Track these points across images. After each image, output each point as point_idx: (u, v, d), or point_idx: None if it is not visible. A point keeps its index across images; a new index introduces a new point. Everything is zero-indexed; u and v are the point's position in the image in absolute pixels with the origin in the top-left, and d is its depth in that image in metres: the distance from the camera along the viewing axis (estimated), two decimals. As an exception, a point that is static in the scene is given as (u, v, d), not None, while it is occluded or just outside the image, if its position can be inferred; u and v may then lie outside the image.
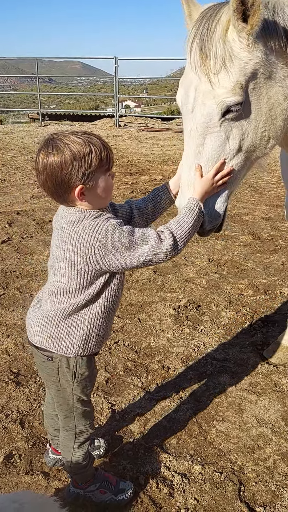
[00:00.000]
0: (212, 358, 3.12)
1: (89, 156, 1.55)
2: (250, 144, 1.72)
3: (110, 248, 1.56)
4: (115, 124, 13.36)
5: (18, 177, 7.84)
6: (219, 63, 1.58)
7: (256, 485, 2.20)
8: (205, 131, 1.68)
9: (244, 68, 1.59)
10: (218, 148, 1.70)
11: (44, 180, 1.59)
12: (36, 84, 14.60)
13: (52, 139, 1.57)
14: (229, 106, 1.62)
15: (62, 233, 1.64)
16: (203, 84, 1.63)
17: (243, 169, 1.81)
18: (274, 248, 4.96)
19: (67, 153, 1.53)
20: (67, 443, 1.95)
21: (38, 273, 4.34)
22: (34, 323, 1.79)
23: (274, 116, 1.71)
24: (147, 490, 2.16)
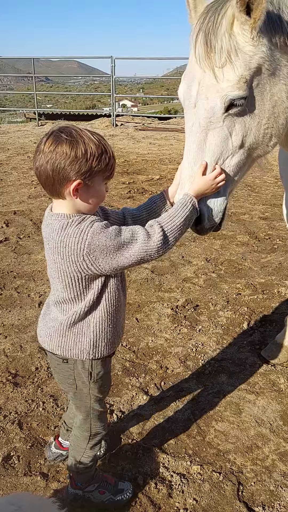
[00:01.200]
0: (210, 358, 3.12)
1: (98, 157, 1.53)
2: (252, 141, 1.71)
3: (99, 252, 1.52)
4: (111, 123, 13.34)
5: (14, 177, 7.82)
6: (224, 56, 1.56)
7: (254, 484, 2.20)
8: (207, 126, 1.66)
9: (249, 62, 1.58)
10: (220, 144, 1.67)
11: (44, 162, 1.52)
12: (32, 83, 14.56)
13: (68, 127, 1.55)
14: (232, 100, 1.60)
15: (48, 243, 1.62)
16: (207, 77, 1.61)
17: (244, 167, 1.80)
18: (272, 247, 4.97)
19: (80, 146, 1.50)
20: (80, 443, 1.96)
21: (35, 273, 4.33)
22: (42, 332, 1.81)
23: (277, 114, 1.71)
24: (146, 490, 2.16)
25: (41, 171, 1.55)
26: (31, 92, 14.99)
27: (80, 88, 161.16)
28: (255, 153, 1.78)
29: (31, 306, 3.76)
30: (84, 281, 1.63)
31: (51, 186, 1.56)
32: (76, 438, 1.98)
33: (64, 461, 2.24)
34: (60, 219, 1.58)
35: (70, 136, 1.51)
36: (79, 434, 1.97)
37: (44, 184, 1.58)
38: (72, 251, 1.54)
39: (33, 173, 6.46)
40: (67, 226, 1.56)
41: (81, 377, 1.79)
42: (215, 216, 1.78)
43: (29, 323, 3.52)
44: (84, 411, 1.89)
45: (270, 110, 1.69)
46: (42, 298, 3.88)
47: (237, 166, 1.75)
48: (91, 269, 1.58)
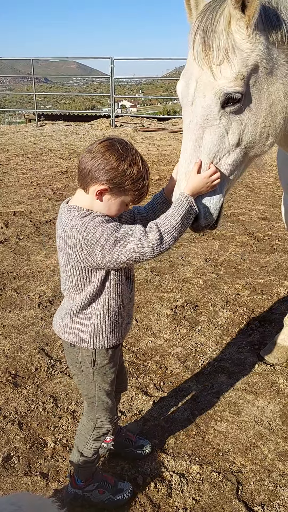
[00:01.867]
0: (209, 358, 3.13)
1: (134, 180, 1.64)
2: (249, 140, 1.72)
3: (96, 245, 1.60)
4: (111, 124, 13.35)
5: (14, 177, 7.82)
6: (221, 54, 1.58)
7: (253, 484, 2.21)
8: (204, 124, 1.67)
9: (246, 59, 1.59)
10: (217, 142, 1.68)
11: (89, 158, 1.63)
12: (31, 84, 14.57)
13: (127, 143, 1.66)
14: (228, 94, 1.60)
15: (57, 232, 1.73)
16: (205, 75, 1.63)
17: (241, 166, 1.80)
18: (271, 247, 4.98)
19: (126, 162, 1.62)
20: (84, 432, 2.02)
21: (35, 274, 4.33)
22: (55, 319, 1.91)
23: (274, 113, 1.71)
24: (146, 490, 2.17)
25: (82, 163, 1.66)
26: (30, 93, 15.01)
27: (80, 88, 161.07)
28: (252, 152, 1.78)
29: (30, 306, 3.77)
30: (84, 272, 1.70)
31: (83, 180, 1.66)
32: (82, 426, 2.04)
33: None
34: (71, 211, 1.68)
35: (123, 150, 1.63)
36: (86, 422, 2.02)
37: (79, 174, 1.69)
38: (73, 241, 1.63)
39: (32, 174, 6.49)
40: (73, 218, 1.65)
41: (85, 362, 1.85)
42: (212, 214, 1.78)
43: (28, 324, 3.52)
44: (89, 398, 1.94)
45: (267, 109, 1.69)
46: (42, 298, 3.89)
47: (233, 165, 1.75)
48: (89, 261, 1.65)
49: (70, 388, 2.82)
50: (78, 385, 1.99)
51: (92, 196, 1.66)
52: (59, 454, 2.36)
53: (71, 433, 2.48)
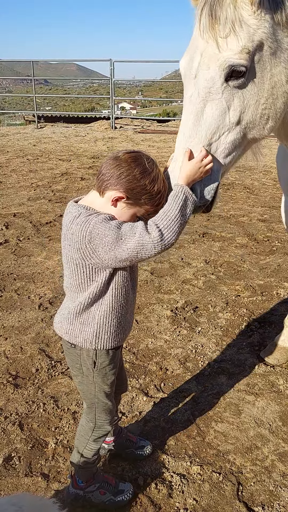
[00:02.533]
0: (209, 359, 3.14)
1: (152, 196, 1.66)
2: (249, 119, 1.70)
3: (99, 241, 1.60)
4: (111, 126, 13.38)
5: (14, 179, 7.84)
6: (228, 27, 1.58)
7: (254, 485, 2.22)
8: (206, 97, 1.65)
9: (252, 35, 1.59)
10: (218, 117, 1.66)
11: (114, 165, 1.65)
12: (31, 86, 14.60)
13: (153, 160, 1.70)
14: (232, 66, 1.59)
15: (63, 229, 1.75)
16: (210, 48, 1.62)
17: (239, 148, 1.77)
18: (270, 249, 4.99)
19: (148, 177, 1.64)
20: (84, 433, 2.02)
21: (35, 275, 4.34)
22: (56, 319, 1.91)
23: (275, 96, 1.70)
24: (146, 491, 2.17)
25: (105, 168, 1.68)
26: (30, 95, 15.03)
27: (79, 90, 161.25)
28: (251, 134, 1.74)
29: (31, 308, 3.78)
30: (88, 270, 1.71)
31: (102, 182, 1.67)
32: (82, 427, 2.04)
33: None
34: (79, 209, 1.69)
35: (149, 165, 1.65)
36: (85, 423, 2.02)
37: (98, 177, 1.69)
38: (77, 238, 1.65)
39: (32, 175, 6.50)
40: (79, 216, 1.66)
41: (86, 364, 1.85)
42: (207, 194, 1.74)
43: (29, 325, 3.53)
44: (89, 398, 1.94)
45: (269, 91, 1.68)
46: (42, 300, 3.89)
47: (232, 144, 1.72)
48: (93, 258, 1.65)
49: (71, 389, 2.83)
50: (78, 386, 1.99)
51: (106, 201, 1.68)
52: (60, 455, 2.37)
53: (71, 433, 2.49)
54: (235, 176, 8.06)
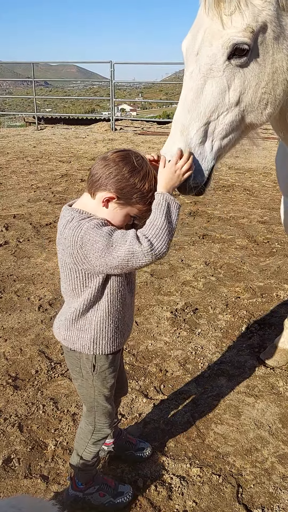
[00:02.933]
0: (209, 361, 3.13)
1: (143, 195, 1.64)
2: (248, 102, 1.68)
3: (90, 247, 1.58)
4: (111, 127, 13.39)
5: (14, 180, 7.84)
6: (234, 4, 1.58)
7: (254, 487, 2.21)
8: (207, 74, 1.64)
9: (257, 15, 1.59)
10: (217, 95, 1.64)
11: (102, 165, 1.63)
12: (31, 87, 14.63)
13: (144, 158, 1.67)
14: (235, 44, 1.59)
15: (57, 234, 1.74)
16: (214, 25, 1.62)
17: (237, 131, 1.74)
18: (270, 251, 4.99)
19: (140, 173, 1.62)
20: (84, 436, 2.01)
21: (35, 277, 4.34)
22: (55, 324, 1.90)
23: (276, 81, 1.69)
24: (146, 493, 2.17)
25: (95, 168, 1.66)
26: (30, 96, 15.04)
27: (79, 92, 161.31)
28: (249, 118, 1.73)
29: (31, 309, 3.77)
30: (81, 276, 1.69)
31: (93, 183, 1.66)
32: (81, 430, 2.04)
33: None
34: (72, 213, 1.68)
35: (138, 163, 1.62)
36: (84, 426, 2.02)
37: (89, 178, 1.69)
38: (69, 242, 1.63)
39: (32, 177, 6.50)
40: (72, 220, 1.65)
41: (85, 367, 1.85)
42: (201, 175, 1.70)
43: (29, 326, 3.53)
44: (89, 402, 1.94)
45: (270, 75, 1.67)
46: (42, 301, 3.89)
47: (230, 126, 1.70)
48: (85, 263, 1.64)
49: (70, 391, 2.82)
50: (77, 389, 1.98)
51: (98, 202, 1.66)
52: (60, 457, 2.37)
53: (71, 435, 2.49)
54: (235, 178, 8.06)
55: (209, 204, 6.62)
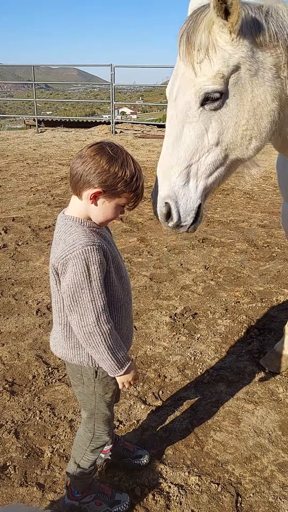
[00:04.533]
0: (208, 366, 3.10)
1: (127, 182, 1.61)
2: (230, 140, 1.70)
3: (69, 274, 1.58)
4: (111, 130, 13.39)
5: (13, 183, 7.82)
6: (202, 52, 1.61)
7: (253, 496, 2.18)
8: (184, 120, 1.68)
9: (227, 59, 1.61)
10: (196, 139, 1.68)
11: (80, 164, 1.61)
12: (32, 90, 14.63)
13: (118, 146, 1.65)
14: (207, 94, 1.63)
15: (53, 242, 1.72)
16: (187, 72, 1.66)
17: (222, 168, 1.76)
18: (270, 255, 4.96)
19: (118, 162, 1.59)
20: (82, 443, 1.99)
21: (33, 281, 4.31)
22: (51, 342, 1.88)
23: (259, 116, 1.70)
24: (143, 501, 2.13)
25: (73, 169, 1.64)
26: (31, 99, 15.06)
27: (80, 95, 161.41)
28: (233, 155, 1.74)
29: (28, 313, 3.74)
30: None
31: (76, 184, 1.64)
32: (79, 437, 2.01)
33: None
34: (66, 221, 1.67)
35: (113, 152, 1.60)
36: (83, 433, 1.99)
37: (71, 181, 1.67)
38: (57, 254, 1.63)
39: (32, 180, 6.47)
40: (69, 228, 1.64)
41: (87, 374, 1.82)
42: (186, 215, 1.75)
43: (26, 331, 3.49)
44: (89, 409, 1.91)
45: (251, 112, 1.68)
46: (40, 305, 3.86)
47: (213, 165, 1.72)
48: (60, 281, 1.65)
49: (68, 397, 2.79)
50: (77, 396, 1.95)
51: (86, 201, 1.64)
52: (56, 464, 2.33)
53: (68, 442, 2.45)
54: (235, 182, 8.04)
55: (209, 207, 6.59)
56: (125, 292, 1.79)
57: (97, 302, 1.59)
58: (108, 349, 1.63)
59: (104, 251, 1.64)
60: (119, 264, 1.76)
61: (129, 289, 1.83)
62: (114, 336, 1.64)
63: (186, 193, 1.74)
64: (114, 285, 1.72)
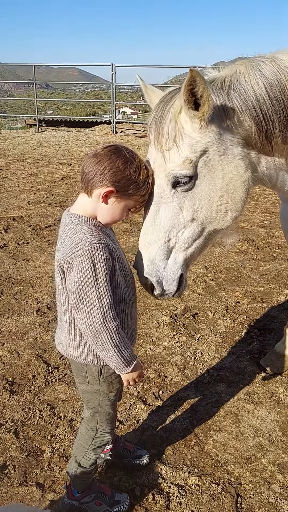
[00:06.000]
0: (208, 366, 3.10)
1: (139, 185, 1.65)
2: (204, 216, 1.78)
3: (74, 272, 1.58)
4: (111, 130, 13.38)
5: (14, 182, 7.82)
6: (170, 141, 1.70)
7: (253, 496, 2.17)
8: (159, 201, 1.76)
9: (194, 146, 1.69)
10: (171, 218, 1.76)
11: (94, 162, 1.62)
12: (33, 90, 14.63)
13: (132, 150, 1.69)
14: (176, 178, 1.71)
15: (58, 240, 1.72)
16: (158, 158, 1.75)
17: (200, 240, 1.85)
18: (271, 255, 4.96)
19: (133, 164, 1.63)
20: (83, 441, 1.99)
21: (34, 280, 4.31)
22: (56, 338, 1.89)
23: (232, 190, 1.77)
24: (143, 502, 2.13)
25: (87, 167, 1.65)
26: (31, 99, 15.05)
27: (81, 95, 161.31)
28: (210, 227, 1.83)
29: (29, 312, 3.74)
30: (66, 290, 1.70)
31: (87, 181, 1.65)
32: (81, 436, 2.00)
33: None
34: (72, 219, 1.67)
35: (130, 155, 1.65)
36: (85, 431, 1.98)
37: (82, 178, 1.67)
38: (64, 252, 1.63)
39: (32, 179, 6.46)
40: (73, 228, 1.64)
41: (92, 372, 1.83)
42: (169, 285, 1.84)
43: (26, 330, 3.49)
44: (93, 407, 1.91)
45: (223, 188, 1.75)
46: (40, 304, 3.86)
47: (190, 239, 1.81)
48: (66, 279, 1.65)
49: (68, 396, 2.78)
50: (81, 394, 1.96)
51: (96, 199, 1.65)
52: (56, 464, 2.33)
53: (68, 442, 2.45)
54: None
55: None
56: (130, 291, 1.79)
57: (103, 300, 1.59)
58: (115, 347, 1.63)
59: (110, 249, 1.64)
60: (123, 263, 1.77)
61: (133, 288, 1.84)
62: (120, 334, 1.65)
63: (166, 266, 1.82)
64: (119, 283, 1.72)
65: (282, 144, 1.75)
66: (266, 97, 1.68)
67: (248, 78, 1.70)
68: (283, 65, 1.72)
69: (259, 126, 1.71)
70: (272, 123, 1.70)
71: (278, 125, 1.71)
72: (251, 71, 1.71)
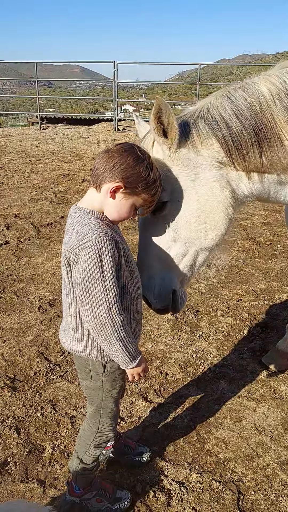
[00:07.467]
0: (210, 364, 3.09)
1: (148, 184, 1.65)
2: (185, 236, 1.86)
3: (81, 263, 1.57)
4: (113, 128, 13.37)
5: (16, 180, 7.81)
6: None
7: (255, 494, 2.17)
8: (144, 228, 1.91)
9: (165, 174, 1.78)
10: (156, 240, 1.88)
11: (106, 157, 1.64)
12: (35, 87, 14.62)
13: (145, 150, 1.72)
14: None
15: (65, 233, 1.72)
16: None
17: (188, 258, 1.91)
18: (273, 253, 4.95)
19: (144, 163, 1.64)
20: (86, 438, 1.99)
21: (35, 277, 4.31)
22: (61, 332, 1.89)
23: (209, 210, 1.82)
24: (144, 499, 2.13)
25: (99, 162, 1.66)
26: (33, 96, 15.03)
27: (83, 92, 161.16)
28: (195, 246, 1.89)
29: (30, 310, 3.74)
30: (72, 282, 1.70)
31: (97, 176, 1.66)
32: (84, 432, 2.00)
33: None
34: (80, 213, 1.68)
35: (141, 153, 1.66)
36: (87, 428, 1.98)
37: (93, 172, 1.69)
38: (70, 244, 1.62)
39: (34, 176, 6.46)
40: (80, 221, 1.64)
41: (95, 368, 1.82)
42: (162, 301, 1.94)
43: (28, 327, 3.49)
44: (95, 403, 1.91)
45: (199, 209, 1.82)
46: (42, 302, 3.86)
47: (176, 258, 1.89)
48: (72, 271, 1.65)
49: (69, 393, 2.78)
50: (84, 390, 1.95)
51: (104, 194, 1.65)
52: (57, 461, 2.33)
53: (69, 439, 2.45)
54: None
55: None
56: (135, 287, 1.78)
57: (109, 293, 1.58)
58: (120, 341, 1.62)
59: (116, 243, 1.64)
60: (129, 258, 1.76)
61: (139, 284, 1.83)
62: (125, 328, 1.63)
63: (158, 283, 1.92)
64: (125, 278, 1.72)
65: (260, 159, 1.77)
66: (234, 118, 1.73)
67: (216, 106, 1.78)
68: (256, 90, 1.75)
69: (228, 146, 1.75)
70: (242, 142, 1.74)
71: (250, 143, 1.74)
72: (219, 99, 1.79)
